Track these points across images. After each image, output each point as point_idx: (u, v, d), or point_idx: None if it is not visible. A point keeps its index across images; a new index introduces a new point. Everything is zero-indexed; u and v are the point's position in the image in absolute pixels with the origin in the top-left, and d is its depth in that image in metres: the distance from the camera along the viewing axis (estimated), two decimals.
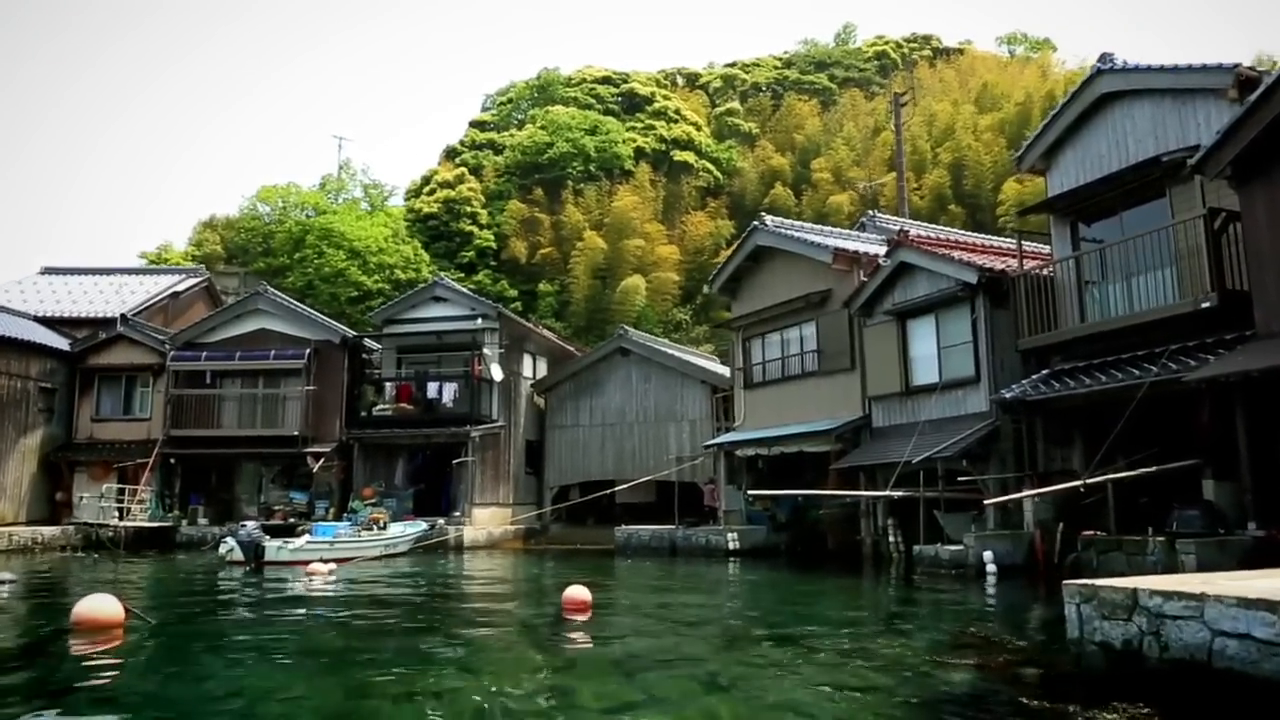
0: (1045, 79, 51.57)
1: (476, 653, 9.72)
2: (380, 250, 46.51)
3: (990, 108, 50.10)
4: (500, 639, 10.82)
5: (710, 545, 23.93)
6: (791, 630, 10.94)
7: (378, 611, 13.94)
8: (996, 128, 47.67)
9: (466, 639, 10.75)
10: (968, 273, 19.47)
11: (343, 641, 10.79)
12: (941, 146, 48.34)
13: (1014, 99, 49.41)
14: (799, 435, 23.15)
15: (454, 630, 11.42)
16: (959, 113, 49.83)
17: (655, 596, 15.12)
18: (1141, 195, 17.33)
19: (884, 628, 11.47)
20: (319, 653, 10.01)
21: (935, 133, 49.38)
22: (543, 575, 21.34)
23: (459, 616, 12.91)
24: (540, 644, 10.38)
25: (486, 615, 13.29)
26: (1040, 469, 18.27)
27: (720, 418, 28.95)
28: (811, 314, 23.64)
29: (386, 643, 10.60)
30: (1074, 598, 8.06)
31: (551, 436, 32.41)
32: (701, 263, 46.90)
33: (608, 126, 51.73)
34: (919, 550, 18.44)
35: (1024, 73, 53.88)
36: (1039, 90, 49.18)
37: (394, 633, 11.43)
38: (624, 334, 31.51)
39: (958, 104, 51.00)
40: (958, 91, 52.50)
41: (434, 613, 13.67)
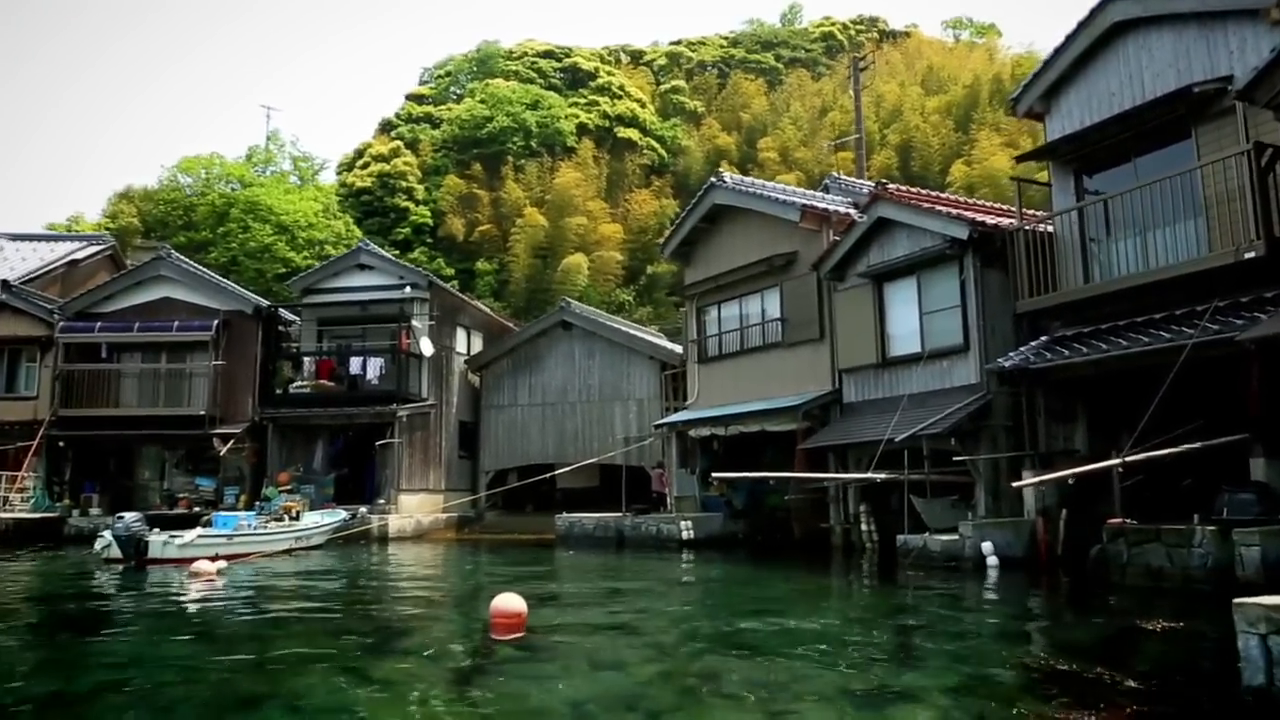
0: (992, 63, 49.45)
1: (355, 709, 6.51)
2: (310, 225, 42.88)
3: (937, 90, 47.96)
4: (400, 678, 7.61)
5: (661, 535, 20.90)
6: (780, 657, 7.93)
7: (254, 628, 10.66)
8: (944, 110, 45.61)
9: (354, 677, 7.53)
10: (957, 227, 16.65)
11: (181, 687, 7.52)
12: (890, 128, 46.04)
13: (961, 82, 47.37)
14: (760, 413, 20.23)
15: (341, 662, 8.19)
16: (906, 94, 47.60)
17: (601, 607, 11.96)
18: (1160, 137, 14.65)
19: (902, 654, 8.48)
20: (121, 706, 6.75)
21: (883, 114, 46.97)
22: (474, 572, 18.12)
23: (355, 638, 9.65)
24: (454, 686, 7.20)
25: (392, 636, 10.06)
26: (1041, 448, 15.53)
27: (670, 397, 25.94)
28: (775, 279, 20.68)
29: (237, 685, 7.37)
30: (1255, 625, 5.13)
31: (487, 417, 29.08)
32: (645, 242, 44.29)
33: (550, 101, 48.60)
34: (904, 541, 15.59)
35: (970, 56, 51.74)
36: (986, 73, 47.17)
37: (255, 668, 8.16)
38: (566, 306, 28.30)
39: (905, 86, 48.70)
40: (905, 74, 50.17)
41: (326, 631, 10.41)
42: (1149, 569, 11.96)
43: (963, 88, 46.45)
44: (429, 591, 14.34)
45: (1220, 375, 13.08)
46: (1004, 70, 47.25)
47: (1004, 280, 16.76)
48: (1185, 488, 12.83)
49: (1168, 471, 13.06)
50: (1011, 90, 45.69)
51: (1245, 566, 10.96)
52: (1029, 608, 11.52)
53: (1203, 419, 12.80)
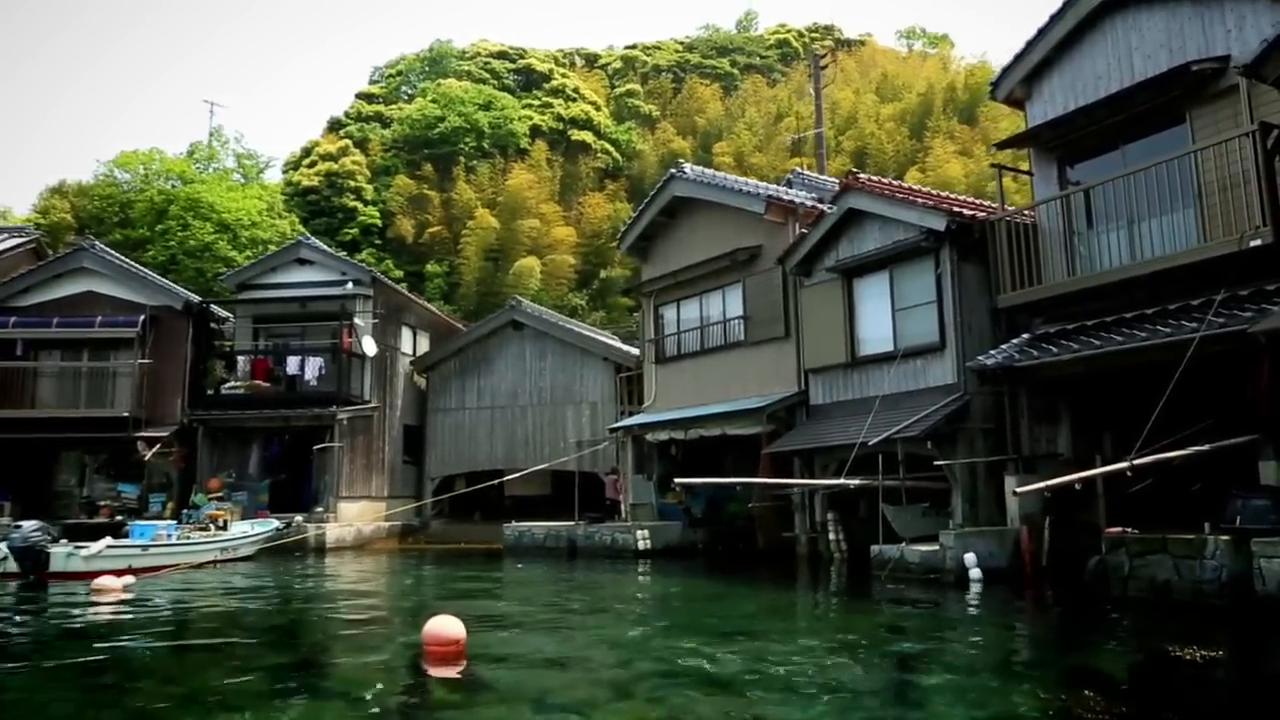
0: (946, 72, 48.86)
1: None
2: (254, 224, 40.73)
3: (892, 98, 47.17)
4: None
5: (616, 545, 19.39)
6: (756, 695, 6.51)
7: (149, 659, 8.99)
8: (898, 118, 44.81)
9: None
10: (934, 218, 15.41)
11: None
12: (844, 134, 45.12)
13: (915, 90, 46.64)
14: (722, 415, 18.84)
15: (238, 705, 6.59)
16: (861, 101, 46.77)
17: (551, 631, 10.41)
18: (1152, 121, 13.55)
19: (900, 693, 7.08)
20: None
21: (838, 121, 46.03)
22: (415, 586, 16.47)
23: (262, 673, 8.02)
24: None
25: (308, 669, 8.44)
26: (1025, 451, 14.31)
27: (625, 400, 24.47)
28: (738, 274, 19.32)
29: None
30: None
31: (434, 420, 27.32)
32: (599, 246, 42.96)
33: (503, 102, 46.95)
34: (879, 551, 14.26)
35: (924, 66, 51.12)
36: (940, 82, 46.54)
37: (133, 718, 6.54)
38: (516, 305, 26.69)
39: (860, 93, 47.86)
40: (859, 81, 49.33)
41: (231, 663, 8.76)
42: (1154, 582, 10.73)
43: (917, 96, 45.69)
44: (361, 611, 12.68)
45: (1219, 373, 11.94)
46: (957, 79, 46.64)
47: (981, 275, 15.57)
48: (1194, 493, 11.60)
49: (1161, 476, 11.86)
50: (962, 97, 45.94)
51: (1266, 580, 9.76)
52: (1029, 628, 10.20)
53: (1207, 420, 11.63)
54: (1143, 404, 14.83)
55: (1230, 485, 11.66)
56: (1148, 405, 14.80)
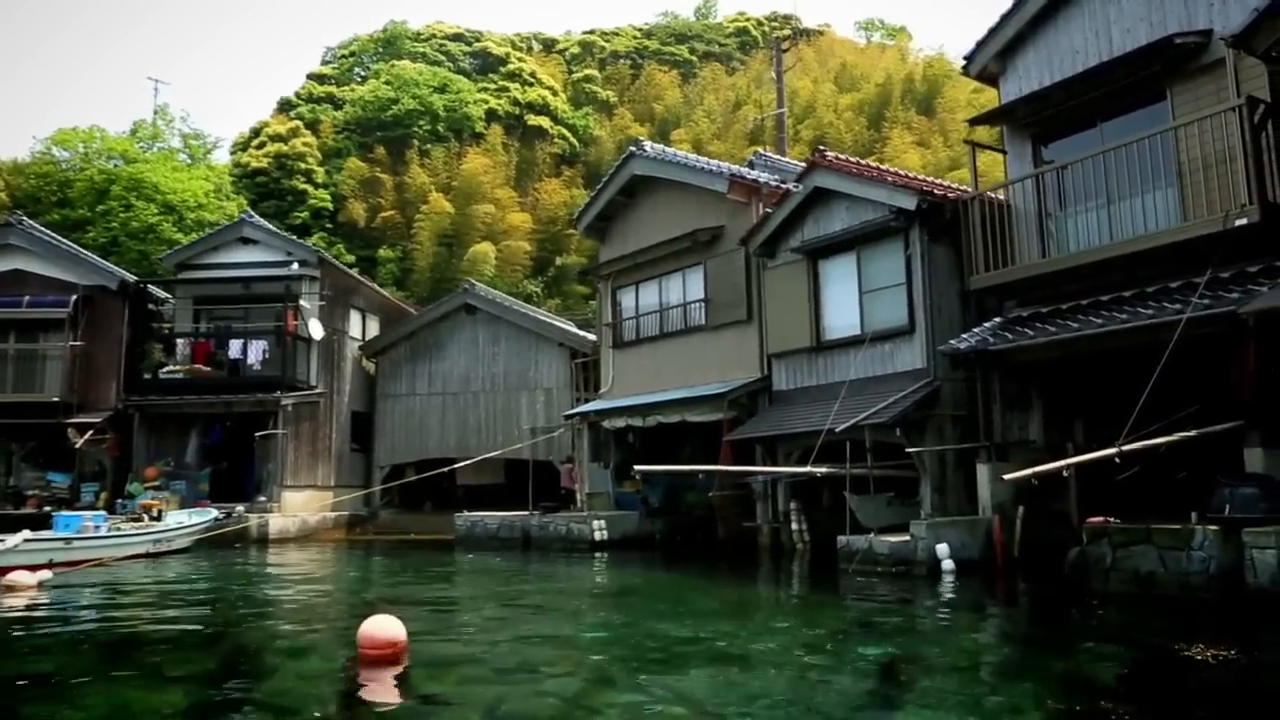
0: (904, 63, 48.48)
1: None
2: (200, 206, 39.12)
3: (850, 88, 46.72)
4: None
5: (572, 535, 18.53)
6: (730, 711, 5.71)
7: (53, 663, 7.98)
8: (856, 108, 44.40)
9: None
10: (904, 197, 14.72)
11: None
12: (803, 123, 44.55)
13: (874, 81, 46.23)
14: (682, 402, 18.06)
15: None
16: (820, 91, 46.23)
17: (503, 630, 9.53)
18: (1131, 97, 12.96)
19: (893, 706, 6.34)
20: None
21: (797, 110, 45.43)
22: (360, 581, 15.48)
23: (177, 686, 7.07)
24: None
25: (229, 678, 7.49)
26: (996, 438, 13.69)
27: (581, 387, 23.60)
28: (699, 256, 18.52)
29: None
30: None
31: (383, 407, 26.22)
32: (555, 233, 42.00)
33: (458, 85, 45.70)
34: (846, 542, 13.54)
35: (883, 57, 50.74)
36: (898, 74, 46.21)
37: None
38: (470, 288, 25.65)
39: (818, 83, 47.29)
40: (818, 71, 48.77)
41: (143, 672, 7.80)
42: (1137, 575, 10.12)
43: (875, 86, 45.30)
44: (300, 607, 11.71)
45: (1199, 358, 11.36)
46: (915, 71, 46.43)
47: (951, 257, 14.93)
48: (1174, 482, 11.01)
49: (1136, 466, 11.24)
50: (920, 89, 45.59)
51: (1258, 573, 9.19)
52: (1011, 625, 9.51)
53: (1192, 406, 11.04)
54: (1115, 390, 14.30)
55: (1211, 474, 11.15)
56: (1120, 392, 14.28)
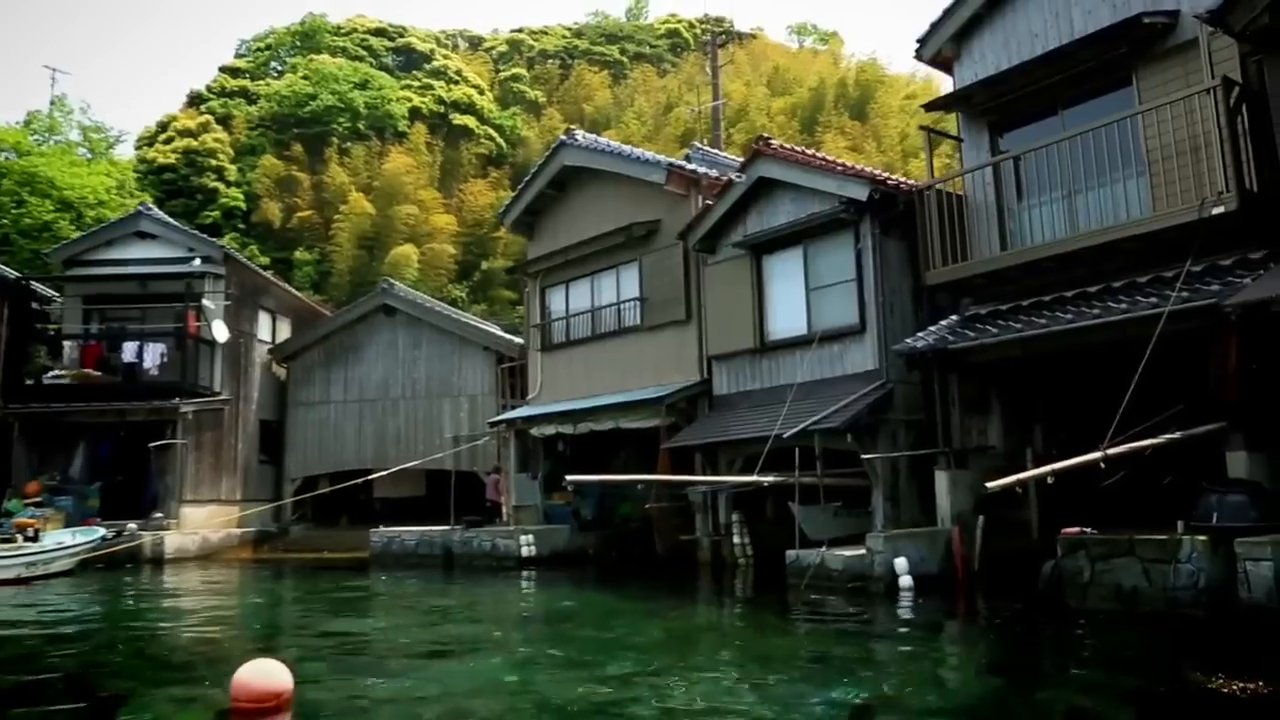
0: (837, 67, 48.24)
1: None
2: (101, 203, 36.78)
3: (783, 92, 46.25)
4: None
5: (497, 552, 17.24)
6: None
7: None
8: (789, 111, 43.89)
9: None
10: (855, 187, 13.81)
11: None
12: (736, 127, 43.88)
13: (807, 85, 45.82)
14: (616, 407, 16.93)
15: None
16: (752, 94, 45.66)
17: (414, 673, 8.24)
18: (1094, 82, 12.26)
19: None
20: None
21: (729, 113, 44.75)
22: (260, 609, 13.98)
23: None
24: None
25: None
26: (955, 443, 12.83)
27: (507, 393, 22.31)
28: (634, 252, 17.43)
29: None
30: None
31: (295, 415, 24.54)
32: (481, 236, 40.68)
33: (380, 82, 44.05)
34: (795, 557, 12.54)
35: (815, 61, 50.45)
36: (831, 78, 45.86)
37: None
38: (388, 288, 24.18)
39: (751, 85, 46.74)
40: (751, 74, 48.21)
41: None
42: (1119, 590, 9.27)
43: (808, 90, 44.88)
44: (181, 644, 10.25)
45: (1172, 356, 10.59)
46: (848, 76, 46.13)
47: (904, 251, 14.08)
48: (1162, 487, 10.23)
49: (1121, 471, 10.46)
50: (853, 94, 45.32)
51: (1252, 587, 8.39)
52: (988, 652, 8.51)
53: (1165, 407, 10.27)
54: (1075, 393, 13.64)
55: (1182, 479, 10.43)
56: (1081, 394, 13.62)
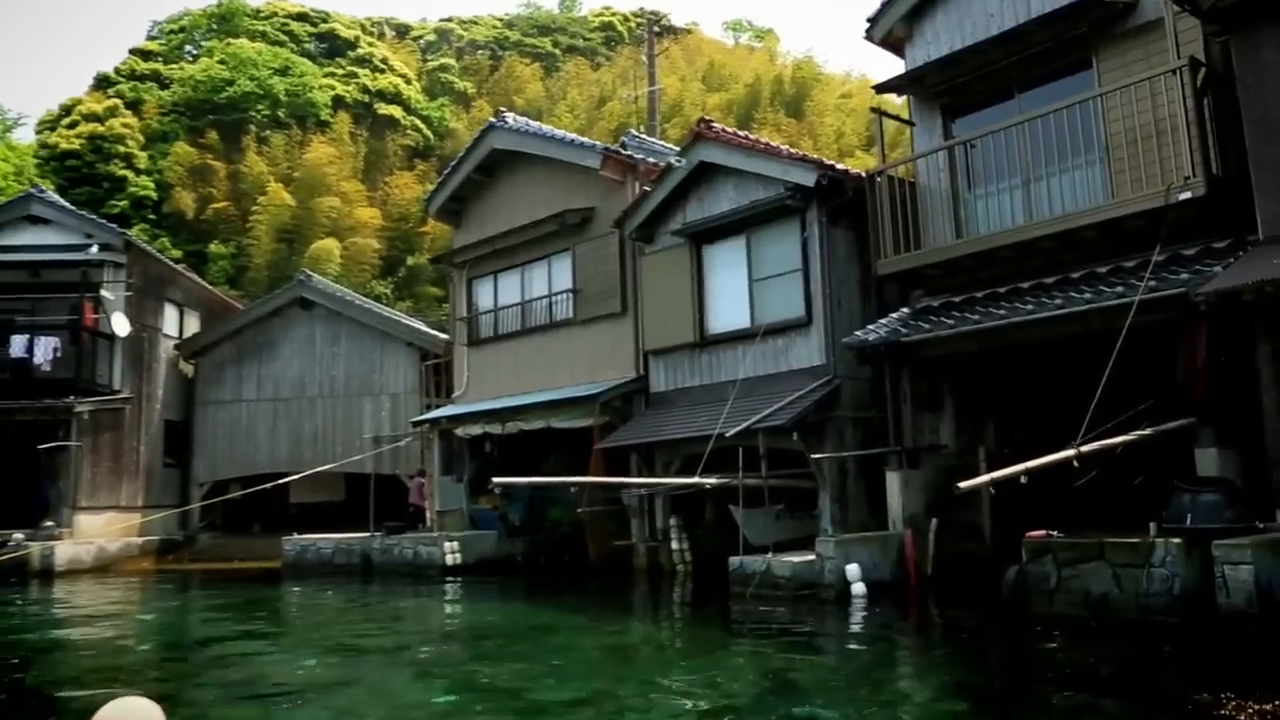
0: (773, 64, 47.96)
1: None
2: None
3: (718, 88, 45.81)
4: None
5: (420, 560, 16.22)
6: None
7: None
8: (725, 107, 43.39)
9: None
10: (802, 171, 13.14)
11: None
12: (670, 122, 43.27)
13: (742, 81, 45.47)
14: (546, 405, 16.05)
15: None
16: (688, 89, 45.09)
17: (318, 703, 7.25)
18: (1052, 63, 11.78)
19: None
20: None
21: (664, 108, 44.14)
22: (153, 628, 12.75)
23: None
24: None
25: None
26: (907, 442, 12.21)
27: (432, 391, 21.24)
28: (567, 241, 16.55)
29: None
30: None
31: (203, 415, 23.10)
32: (407, 230, 39.50)
33: (302, 69, 42.50)
34: (739, 564, 11.81)
35: (751, 58, 50.17)
36: (767, 74, 45.57)
37: None
38: (306, 280, 22.90)
39: (686, 81, 46.18)
40: (686, 70, 47.65)
41: None
42: (1087, 597, 8.70)
43: (744, 87, 44.55)
44: (51, 673, 9.08)
45: (1134, 350, 10.08)
46: (784, 73, 45.90)
47: (852, 241, 13.47)
48: (1138, 486, 9.70)
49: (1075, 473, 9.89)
50: (789, 91, 45.10)
51: (1231, 593, 7.86)
52: (964, 668, 7.81)
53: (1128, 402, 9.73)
54: (1028, 389, 13.16)
55: (1142, 478, 9.96)
56: (1034, 391, 13.14)
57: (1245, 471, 9.20)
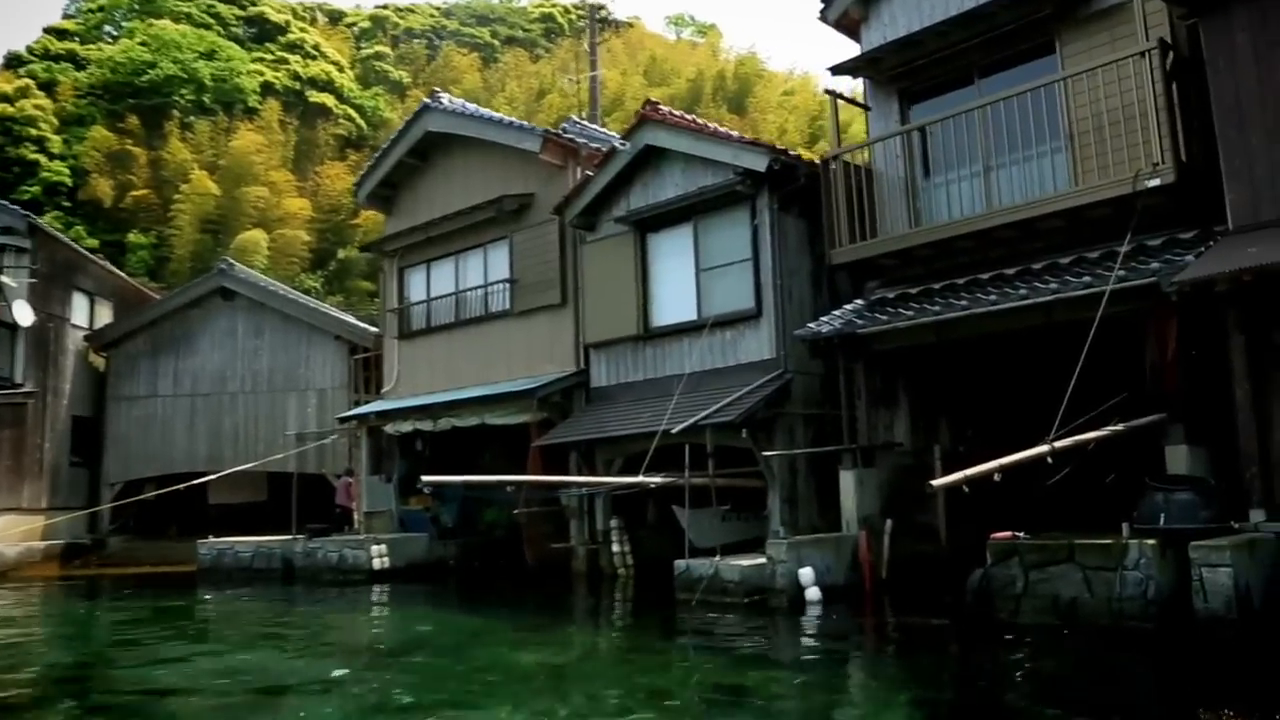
0: (715, 60, 47.60)
1: None
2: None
3: (660, 82, 45.26)
4: None
5: (345, 564, 15.30)
6: None
7: None
8: (667, 102, 42.55)
9: None
10: (753, 156, 12.55)
11: None
12: (611, 116, 42.60)
13: (685, 76, 45.04)
14: (481, 401, 15.29)
15: None
16: (629, 83, 44.52)
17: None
18: (1014, 48, 11.35)
19: None
20: None
21: (605, 101, 43.47)
22: (47, 642, 11.70)
23: None
24: None
25: None
26: (862, 440, 11.70)
27: (362, 387, 20.26)
28: (505, 228, 15.77)
29: None
30: None
31: (116, 411, 21.76)
32: (338, 222, 38.24)
33: (229, 53, 41.00)
34: (685, 568, 11.17)
35: (694, 53, 49.76)
36: (710, 70, 45.19)
37: None
38: (228, 269, 21.70)
39: (627, 74, 45.62)
40: (627, 63, 47.07)
41: None
42: (1056, 602, 8.22)
43: (686, 82, 44.10)
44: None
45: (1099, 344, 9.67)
46: (727, 69, 45.59)
47: (803, 230, 12.94)
48: (1109, 485, 9.27)
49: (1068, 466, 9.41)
50: (732, 86, 44.69)
51: (1208, 597, 7.44)
52: (935, 685, 7.22)
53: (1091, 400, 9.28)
54: (982, 385, 12.75)
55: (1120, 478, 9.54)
56: (988, 386, 12.74)
57: (1216, 469, 8.84)
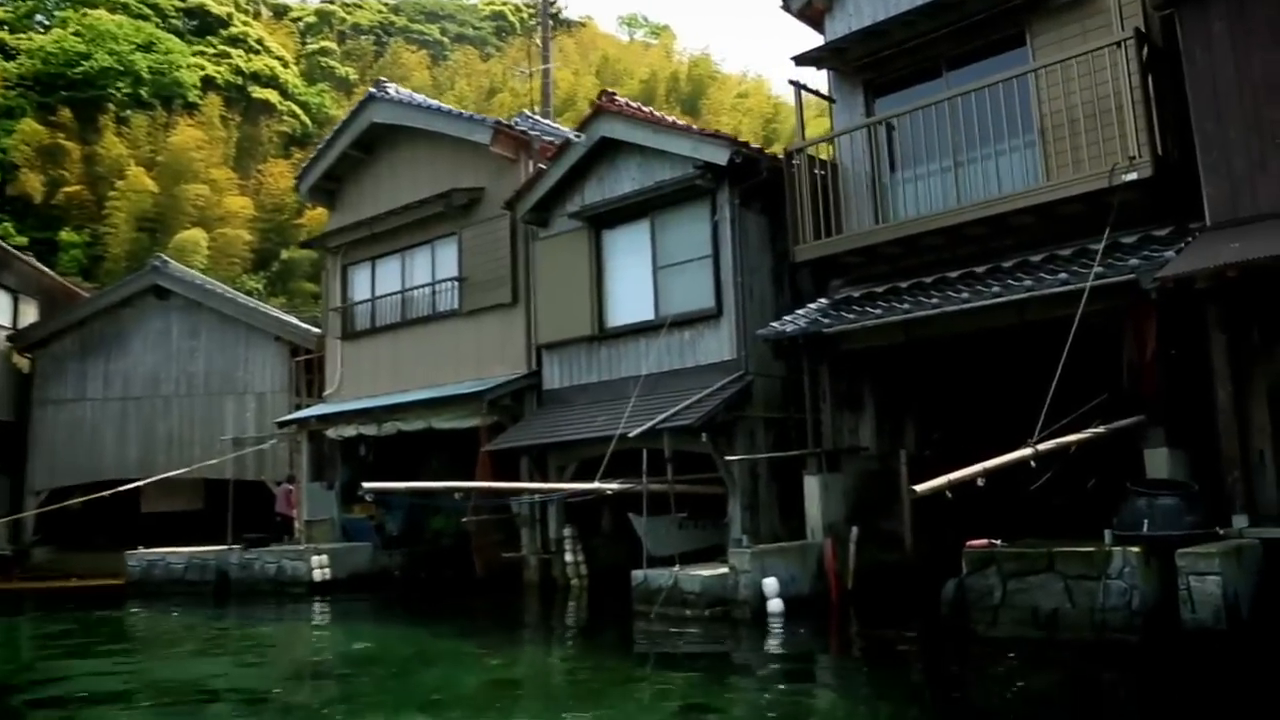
0: (669, 61, 47.38)
1: None
2: None
3: (613, 82, 44.78)
4: None
5: (284, 576, 14.55)
6: None
7: None
8: None
9: None
10: (713, 149, 12.08)
11: None
12: (563, 116, 42.10)
13: (638, 77, 44.75)
14: (428, 404, 14.66)
15: None
16: (581, 83, 44.09)
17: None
18: (984, 39, 10.99)
19: None
20: None
21: (556, 101, 42.97)
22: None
23: None
24: None
25: None
26: (827, 443, 11.27)
27: (303, 390, 19.46)
28: (453, 224, 15.15)
29: None
30: None
31: (41, 415, 20.67)
32: (281, 222, 37.31)
33: (168, 45, 39.84)
34: (643, 578, 10.66)
35: (647, 54, 49.49)
36: (663, 71, 44.99)
37: None
38: (162, 266, 20.73)
39: (579, 74, 45.17)
40: (579, 63, 46.61)
41: None
42: (1036, 614, 7.81)
43: (639, 83, 43.80)
44: None
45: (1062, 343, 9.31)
46: (680, 70, 45.40)
47: (764, 226, 12.52)
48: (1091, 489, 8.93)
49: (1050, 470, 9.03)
50: (685, 88, 44.43)
51: (1196, 607, 7.08)
52: (913, 708, 6.79)
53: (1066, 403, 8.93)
54: (949, 387, 12.41)
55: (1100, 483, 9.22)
56: (955, 388, 12.41)
57: (1196, 473, 8.53)
